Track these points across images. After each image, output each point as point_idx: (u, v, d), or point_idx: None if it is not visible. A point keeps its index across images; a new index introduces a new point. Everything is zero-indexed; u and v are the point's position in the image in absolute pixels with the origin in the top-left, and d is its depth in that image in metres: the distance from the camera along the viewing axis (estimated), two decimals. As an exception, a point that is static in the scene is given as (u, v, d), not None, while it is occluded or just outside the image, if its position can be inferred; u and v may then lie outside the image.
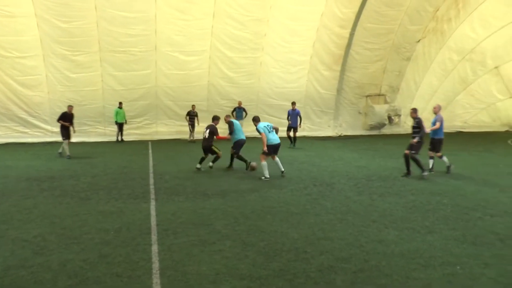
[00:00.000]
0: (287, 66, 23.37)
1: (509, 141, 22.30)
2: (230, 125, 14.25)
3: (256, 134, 13.78)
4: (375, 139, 22.60)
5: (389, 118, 25.15)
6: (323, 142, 21.24)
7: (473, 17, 24.91)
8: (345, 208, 9.44)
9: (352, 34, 22.88)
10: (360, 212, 9.18)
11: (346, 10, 22.24)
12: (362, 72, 24.63)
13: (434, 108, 14.19)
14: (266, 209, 9.42)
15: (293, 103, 20.63)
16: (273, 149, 13.10)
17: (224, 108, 23.03)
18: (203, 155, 14.36)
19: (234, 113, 22.96)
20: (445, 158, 13.75)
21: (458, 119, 27.39)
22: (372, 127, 24.96)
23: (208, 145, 14.09)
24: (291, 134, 19.94)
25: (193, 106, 22.38)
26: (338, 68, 23.88)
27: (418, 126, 13.07)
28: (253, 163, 13.80)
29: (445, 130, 25.67)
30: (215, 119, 14.66)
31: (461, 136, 24.79)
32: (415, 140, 12.83)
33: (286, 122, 19.96)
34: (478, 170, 14.34)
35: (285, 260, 6.53)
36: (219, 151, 14.19)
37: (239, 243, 7.27)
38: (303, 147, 19.23)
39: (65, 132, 16.96)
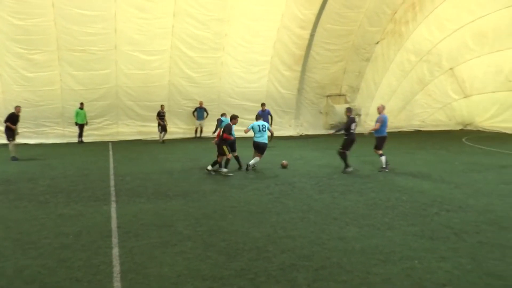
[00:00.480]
0: (248, 66, 23.42)
1: (463, 139, 23.04)
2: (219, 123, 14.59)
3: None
4: (336, 138, 22.78)
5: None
6: (285, 141, 21.40)
7: (429, 20, 25.63)
8: (307, 207, 9.56)
9: (312, 35, 23.16)
10: (322, 210, 9.32)
11: (306, 11, 22.48)
12: (323, 72, 24.95)
13: (378, 108, 14.84)
14: (228, 209, 9.45)
15: (263, 104, 20.93)
16: (258, 148, 13.98)
17: (185, 108, 22.92)
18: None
19: (196, 113, 22.85)
20: (383, 158, 14.06)
21: (416, 118, 28.11)
22: (333, 127, 25.30)
23: (219, 143, 13.43)
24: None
25: (162, 106, 22.07)
26: (299, 68, 24.13)
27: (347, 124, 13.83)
28: (284, 162, 14.30)
29: (404, 129, 26.70)
30: (233, 118, 13.95)
31: (419, 135, 25.47)
32: (332, 132, 14.54)
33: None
34: (435, 167, 14.76)
35: (246, 260, 6.57)
36: (229, 153, 13.45)
37: (201, 243, 7.26)
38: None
39: (11, 133, 16.40)
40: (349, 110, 14.16)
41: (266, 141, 14.14)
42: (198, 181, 12.39)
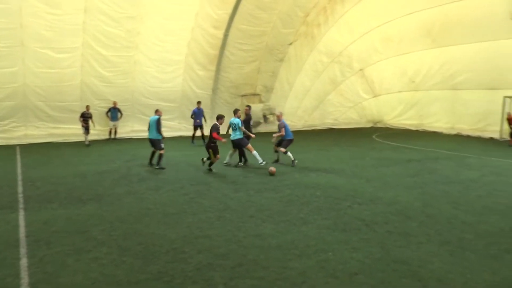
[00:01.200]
0: (162, 65, 22.94)
1: (373, 136, 24.19)
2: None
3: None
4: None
5: (264, 117, 25.95)
6: (200, 141, 21.20)
7: (340, 24, 26.71)
8: (223, 206, 9.55)
9: (226, 35, 23.21)
10: (238, 208, 9.34)
11: (220, 11, 22.47)
12: (237, 72, 25.09)
13: (277, 116, 15.40)
14: (143, 211, 9.19)
15: (199, 102, 21.26)
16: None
17: (98, 109, 21.99)
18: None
19: (109, 113, 22.03)
20: (290, 154, 14.64)
21: (329, 116, 29.13)
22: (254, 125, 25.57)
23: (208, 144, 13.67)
24: (198, 133, 20.66)
25: (87, 106, 20.83)
26: (213, 68, 24.07)
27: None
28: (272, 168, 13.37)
29: (318, 127, 27.44)
30: (219, 118, 14.03)
31: (332, 132, 26.39)
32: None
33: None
34: (348, 163, 15.34)
35: (163, 262, 6.43)
36: (214, 157, 13.58)
37: (116, 248, 7.01)
38: (181, 148, 19.09)
39: None
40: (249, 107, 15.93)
41: (240, 137, 14.35)
42: (113, 184, 11.94)
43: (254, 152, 14.15)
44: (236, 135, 14.39)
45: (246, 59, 24.98)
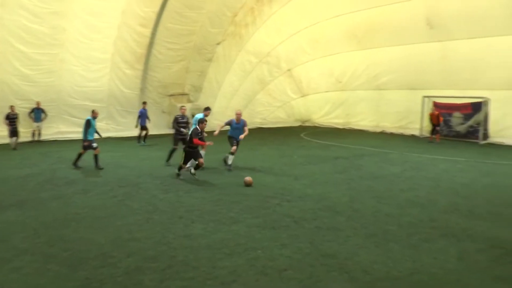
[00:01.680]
0: (88, 63, 22.00)
1: (302, 135, 24.70)
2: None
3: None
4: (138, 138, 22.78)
5: (193, 117, 25.70)
6: (129, 142, 20.71)
7: (268, 24, 27.06)
8: (152, 207, 9.35)
9: (153, 34, 22.73)
10: (167, 209, 9.19)
11: (147, 9, 21.96)
12: (165, 71, 24.65)
13: (237, 115, 14.82)
14: (70, 216, 8.77)
15: (144, 103, 21.23)
16: None
17: (21, 110, 20.68)
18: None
19: (33, 114, 20.84)
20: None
21: (258, 116, 29.36)
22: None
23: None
24: (143, 133, 20.51)
25: (11, 107, 19.28)
26: (141, 67, 23.48)
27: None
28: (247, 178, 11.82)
29: (248, 127, 27.43)
30: (201, 122, 12.73)
31: (261, 132, 26.59)
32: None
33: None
34: (277, 161, 15.55)
35: (91, 268, 6.19)
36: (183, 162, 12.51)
37: (40, 256, 6.64)
38: (109, 149, 18.48)
39: None
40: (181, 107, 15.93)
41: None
42: (37, 188, 11.28)
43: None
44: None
45: (175, 58, 24.62)
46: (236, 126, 14.14)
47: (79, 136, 14.90)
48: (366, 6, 24.48)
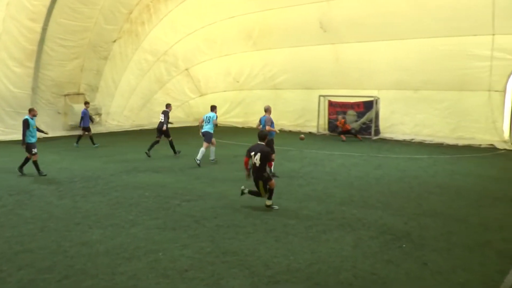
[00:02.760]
0: (-27, 60, 20.21)
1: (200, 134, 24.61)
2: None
3: None
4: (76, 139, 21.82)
5: (90, 117, 24.57)
6: (19, 145, 19.29)
7: (164, 23, 26.61)
8: (47, 215, 8.82)
9: (44, 29, 21.29)
10: (63, 216, 8.73)
11: (36, 2, 20.49)
12: (59, 70, 23.26)
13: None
14: None
15: (87, 103, 20.46)
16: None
17: None
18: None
19: None
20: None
21: (157, 116, 28.43)
22: (73, 127, 24.01)
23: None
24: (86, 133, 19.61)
25: None
26: (32, 64, 21.88)
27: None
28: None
29: (146, 126, 26.93)
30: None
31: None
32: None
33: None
34: (177, 161, 15.41)
35: (-25, 285, 5.71)
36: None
37: None
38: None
39: None
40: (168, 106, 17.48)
41: (211, 131, 15.14)
42: None
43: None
44: (209, 128, 15.15)
45: (68, 56, 23.28)
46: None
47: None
48: (260, 8, 25.06)
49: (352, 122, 23.74)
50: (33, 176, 12.63)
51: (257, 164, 9.27)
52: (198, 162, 14.38)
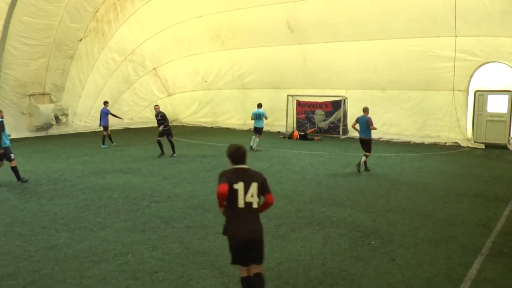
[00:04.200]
0: None
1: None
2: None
3: None
4: (42, 140, 21.37)
5: (56, 118, 24.09)
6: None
7: (131, 22, 26.26)
8: (11, 219, 8.59)
9: (6, 27, 20.70)
10: (28, 220, 8.52)
11: (-3, -2, 20.04)
12: (23, 69, 22.65)
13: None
14: None
15: (106, 103, 20.80)
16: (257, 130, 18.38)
17: None
18: None
19: None
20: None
21: (124, 116, 28.17)
22: (39, 128, 23.48)
23: None
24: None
25: None
26: (-6, 64, 21.35)
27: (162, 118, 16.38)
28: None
29: (114, 127, 26.53)
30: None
31: (128, 132, 25.82)
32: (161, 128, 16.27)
33: None
34: (145, 162, 15.22)
35: None
36: None
37: None
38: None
39: None
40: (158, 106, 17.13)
41: (262, 126, 18.47)
42: None
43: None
44: (261, 123, 18.32)
45: (33, 55, 22.69)
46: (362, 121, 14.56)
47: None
48: (228, 8, 25.03)
49: (320, 122, 23.98)
50: (-4, 179, 12.28)
51: (253, 206, 4.98)
52: (255, 148, 18.12)
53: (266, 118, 18.96)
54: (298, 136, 22.56)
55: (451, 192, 11.04)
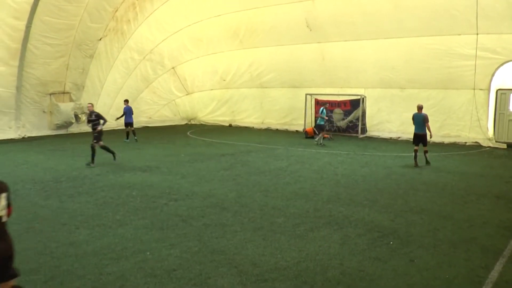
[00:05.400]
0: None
1: (188, 133, 24.59)
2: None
3: None
4: (62, 138, 21.64)
5: (76, 116, 24.39)
6: (5, 145, 19.10)
7: (150, 21, 26.51)
8: (32, 215, 8.71)
9: (28, 27, 21.03)
10: (49, 217, 8.63)
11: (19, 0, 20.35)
12: (44, 68, 22.97)
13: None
14: None
15: (126, 101, 21.52)
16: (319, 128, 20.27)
17: None
18: None
19: None
20: None
21: (143, 114, 28.57)
22: (59, 127, 23.79)
23: None
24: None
25: None
26: (16, 63, 21.56)
27: (97, 117, 14.65)
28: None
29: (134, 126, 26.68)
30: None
31: (147, 131, 26.01)
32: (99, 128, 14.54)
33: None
34: (163, 160, 15.32)
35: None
36: None
37: None
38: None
39: None
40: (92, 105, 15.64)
41: (322, 122, 20.02)
42: None
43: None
44: (320, 120, 19.96)
45: (53, 55, 22.99)
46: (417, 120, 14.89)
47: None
48: (246, 7, 25.12)
49: (339, 121, 23.86)
50: (17, 176, 12.47)
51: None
52: (321, 143, 19.44)
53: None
54: (314, 131, 22.43)
55: (471, 193, 10.88)
